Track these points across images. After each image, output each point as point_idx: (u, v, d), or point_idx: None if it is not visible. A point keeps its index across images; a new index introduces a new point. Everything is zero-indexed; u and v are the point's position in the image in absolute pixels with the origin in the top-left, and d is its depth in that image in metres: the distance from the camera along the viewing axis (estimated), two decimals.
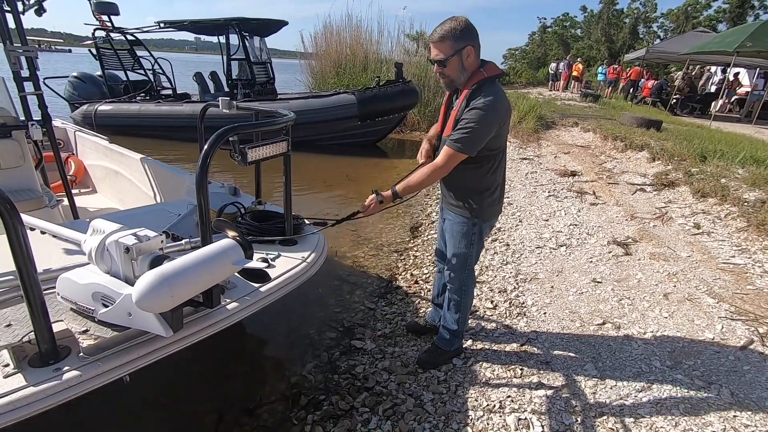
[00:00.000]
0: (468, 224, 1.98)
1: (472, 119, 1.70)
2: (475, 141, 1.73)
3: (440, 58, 1.73)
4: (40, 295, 1.12)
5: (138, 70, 9.21)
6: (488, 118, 1.70)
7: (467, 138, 1.72)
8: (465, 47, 1.71)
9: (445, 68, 1.76)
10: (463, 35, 1.69)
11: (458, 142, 1.74)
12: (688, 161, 5.68)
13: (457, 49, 1.71)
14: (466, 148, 1.75)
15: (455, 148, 1.75)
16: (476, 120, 1.69)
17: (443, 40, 1.70)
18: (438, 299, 2.45)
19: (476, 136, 1.72)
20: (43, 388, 1.11)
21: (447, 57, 1.72)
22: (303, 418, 1.97)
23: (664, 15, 31.12)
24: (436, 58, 1.75)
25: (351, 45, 11.16)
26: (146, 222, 1.45)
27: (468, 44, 1.71)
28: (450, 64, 1.74)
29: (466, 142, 1.73)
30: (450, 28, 1.69)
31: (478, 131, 1.71)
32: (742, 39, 9.70)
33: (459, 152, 1.76)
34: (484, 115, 1.69)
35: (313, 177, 6.19)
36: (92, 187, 4.41)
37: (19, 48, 2.58)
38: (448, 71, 1.77)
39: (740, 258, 3.39)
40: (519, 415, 1.94)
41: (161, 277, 1.08)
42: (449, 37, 1.70)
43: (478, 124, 1.69)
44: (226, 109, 2.14)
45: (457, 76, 1.77)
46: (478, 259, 2.18)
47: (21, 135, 2.85)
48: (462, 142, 1.74)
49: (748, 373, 2.19)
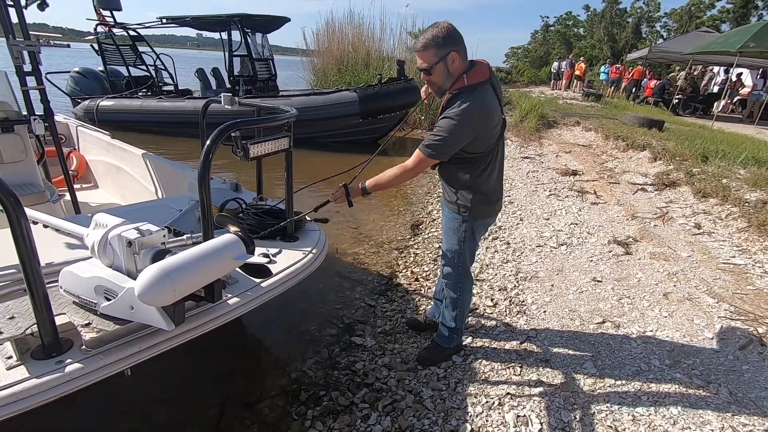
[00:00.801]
0: (458, 221, 2.01)
1: (441, 127, 1.74)
2: (445, 148, 1.77)
3: (425, 67, 1.76)
4: (43, 288, 1.12)
5: (140, 66, 9.21)
6: (458, 127, 1.71)
7: (436, 144, 1.76)
8: (449, 53, 1.71)
9: (432, 76, 1.78)
10: (446, 42, 1.70)
11: (428, 147, 1.79)
12: (690, 161, 5.68)
13: (441, 56, 1.72)
14: (435, 153, 1.79)
15: (425, 153, 1.80)
16: (445, 128, 1.73)
17: (426, 48, 1.72)
18: (440, 295, 2.46)
19: (445, 143, 1.75)
20: (45, 381, 1.12)
21: (431, 65, 1.74)
22: (303, 413, 1.98)
23: (667, 14, 31.04)
24: (422, 66, 1.78)
25: (353, 42, 11.15)
26: (148, 217, 1.45)
27: (451, 50, 1.71)
28: (435, 71, 1.75)
29: (435, 148, 1.78)
30: (432, 36, 1.70)
31: (446, 139, 1.74)
32: (745, 39, 9.66)
33: (428, 157, 1.80)
34: (454, 125, 1.71)
35: (314, 174, 6.18)
36: (94, 183, 4.42)
37: (21, 42, 2.59)
38: (435, 78, 1.79)
39: (740, 258, 3.39)
40: (518, 412, 1.95)
41: (164, 271, 1.09)
42: (432, 45, 1.71)
43: (447, 132, 1.73)
44: (228, 105, 2.14)
45: (443, 82, 1.79)
46: (473, 257, 2.19)
47: (23, 129, 2.86)
48: (431, 148, 1.78)
49: (746, 372, 2.20)
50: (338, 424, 1.91)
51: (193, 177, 2.73)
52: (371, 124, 7.90)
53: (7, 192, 1.02)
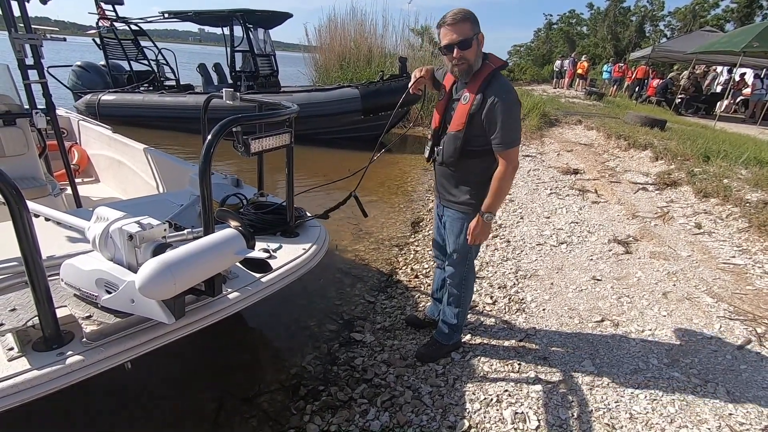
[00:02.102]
0: (469, 220, 1.98)
1: (507, 115, 1.73)
2: (519, 130, 1.81)
3: (463, 38, 1.69)
4: (44, 280, 1.13)
5: (142, 61, 9.20)
6: (517, 108, 1.77)
7: (513, 133, 1.77)
8: (479, 33, 1.74)
9: (467, 50, 1.71)
10: (476, 21, 1.73)
11: (513, 141, 1.77)
12: (691, 161, 5.67)
13: (476, 32, 1.71)
14: (516, 141, 1.79)
15: (514, 146, 1.79)
16: (510, 114, 1.74)
17: (465, 20, 1.69)
18: (438, 294, 2.46)
19: (518, 127, 1.79)
20: (46, 372, 1.13)
21: (469, 37, 1.69)
22: (302, 408, 1.99)
23: (671, 13, 30.88)
24: (458, 39, 1.69)
25: (355, 39, 11.10)
26: (149, 211, 1.46)
27: (479, 31, 1.74)
28: (473, 45, 1.71)
29: (516, 135, 1.78)
30: (467, 11, 1.70)
31: (517, 124, 1.78)
32: (749, 39, 9.61)
33: (511, 148, 1.78)
34: (514, 106, 1.75)
35: (314, 170, 6.18)
36: (95, 177, 4.43)
37: (24, 36, 2.58)
38: (469, 54, 1.72)
39: (740, 258, 3.39)
40: (516, 408, 1.95)
41: (164, 264, 1.09)
42: (470, 19, 1.69)
43: (514, 117, 1.76)
44: (230, 101, 2.14)
45: (475, 60, 1.76)
46: (478, 253, 2.19)
47: (25, 123, 2.86)
48: (515, 139, 1.78)
49: (744, 372, 2.21)
50: (337, 419, 1.92)
51: (193, 172, 2.73)
52: (373, 120, 7.89)
53: (10, 184, 1.03)
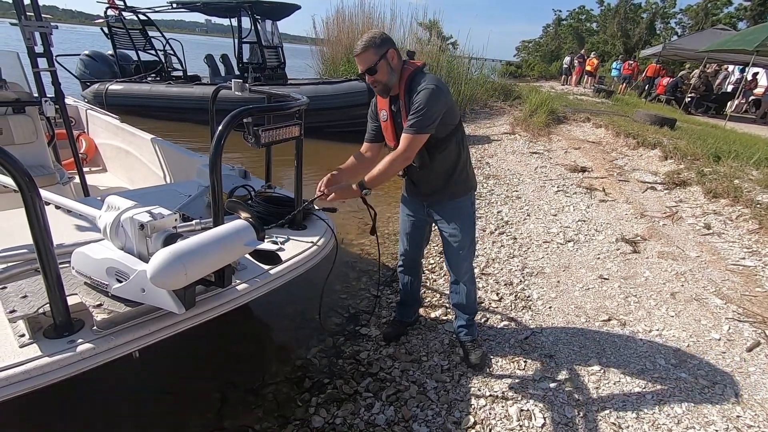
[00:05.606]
0: (468, 200, 2.08)
1: (421, 101, 1.76)
2: (428, 120, 1.78)
3: (369, 65, 1.81)
4: (56, 268, 1.13)
5: (149, 51, 9.18)
6: (434, 96, 1.76)
7: (420, 120, 1.77)
8: (387, 51, 1.81)
9: (377, 74, 1.82)
10: (383, 42, 1.80)
11: (413, 126, 1.79)
12: (701, 161, 5.60)
13: (381, 54, 1.80)
14: (421, 128, 1.79)
15: (412, 132, 1.80)
16: (423, 101, 1.75)
17: (366, 49, 1.79)
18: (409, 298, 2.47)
19: (427, 115, 1.77)
20: (57, 359, 1.13)
21: (374, 64, 1.80)
22: (307, 400, 2.00)
23: (683, 11, 30.38)
24: (365, 68, 1.82)
25: (363, 32, 11.01)
26: (157, 201, 1.45)
27: (389, 48, 1.82)
28: (379, 69, 1.81)
29: (420, 124, 1.78)
30: (369, 38, 1.80)
31: (428, 111, 1.76)
32: (762, 38, 9.46)
33: (417, 134, 1.80)
34: (430, 95, 1.75)
35: (321, 164, 6.17)
36: (102, 166, 4.44)
37: (33, 23, 2.58)
38: (380, 76, 1.83)
39: (750, 260, 3.36)
40: (521, 405, 1.95)
41: (176, 254, 1.09)
42: (371, 45, 1.79)
43: (425, 104, 1.75)
44: (239, 92, 2.12)
45: (389, 78, 1.84)
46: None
47: (34, 111, 2.87)
48: (416, 126, 1.78)
49: (753, 374, 2.19)
50: (342, 412, 1.92)
51: (201, 162, 2.73)
52: None
53: (23, 172, 1.03)
